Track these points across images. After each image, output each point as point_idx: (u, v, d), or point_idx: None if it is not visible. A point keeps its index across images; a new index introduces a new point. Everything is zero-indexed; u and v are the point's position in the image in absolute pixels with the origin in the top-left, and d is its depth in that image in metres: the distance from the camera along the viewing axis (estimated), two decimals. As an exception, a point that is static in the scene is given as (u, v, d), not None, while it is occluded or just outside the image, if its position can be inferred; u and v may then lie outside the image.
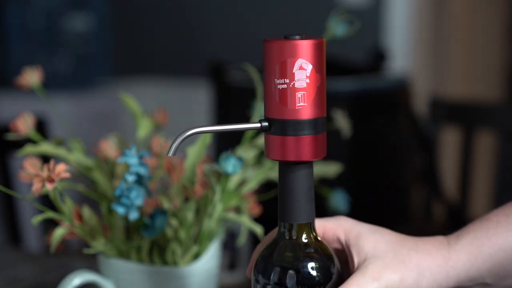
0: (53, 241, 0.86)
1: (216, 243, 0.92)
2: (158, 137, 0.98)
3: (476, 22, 3.05)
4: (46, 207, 0.88)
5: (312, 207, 0.71)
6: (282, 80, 0.68)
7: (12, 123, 0.94)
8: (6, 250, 1.35)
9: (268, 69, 0.69)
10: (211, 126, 0.70)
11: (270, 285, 0.70)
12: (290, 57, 0.68)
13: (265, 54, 0.69)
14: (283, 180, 0.70)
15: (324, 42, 0.69)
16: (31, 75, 0.98)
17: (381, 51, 1.53)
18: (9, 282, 1.16)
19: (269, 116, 0.69)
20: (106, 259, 0.89)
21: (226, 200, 0.90)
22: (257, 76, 0.96)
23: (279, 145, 0.69)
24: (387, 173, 1.30)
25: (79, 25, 2.90)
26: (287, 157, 0.69)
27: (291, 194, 0.70)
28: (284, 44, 0.68)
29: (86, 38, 2.92)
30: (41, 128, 1.63)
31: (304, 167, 0.69)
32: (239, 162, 0.87)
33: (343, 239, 0.76)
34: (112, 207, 0.85)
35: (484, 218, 0.77)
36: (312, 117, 0.68)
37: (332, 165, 1.00)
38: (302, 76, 0.68)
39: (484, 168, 2.07)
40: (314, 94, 0.68)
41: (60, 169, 0.80)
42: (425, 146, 1.46)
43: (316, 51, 0.68)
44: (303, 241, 0.71)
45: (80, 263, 1.20)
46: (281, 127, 0.68)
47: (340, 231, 0.76)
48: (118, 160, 0.84)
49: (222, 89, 1.37)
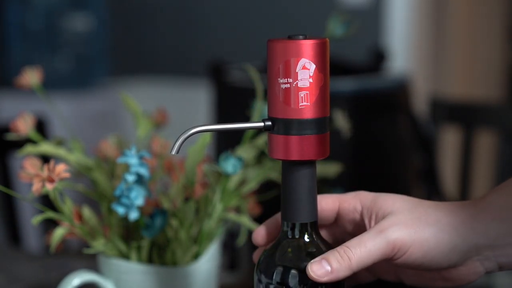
0: (53, 241, 0.86)
1: (216, 243, 0.92)
2: (158, 137, 0.97)
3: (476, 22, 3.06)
4: (46, 207, 0.88)
5: (315, 207, 0.71)
6: (285, 80, 0.68)
7: (12, 123, 0.94)
8: (6, 250, 1.35)
9: (272, 68, 0.69)
10: (214, 125, 0.70)
11: (273, 284, 0.70)
12: (293, 57, 0.68)
13: (269, 53, 0.69)
14: (286, 180, 0.70)
15: (327, 42, 0.70)
16: (31, 75, 0.98)
17: (381, 51, 1.53)
18: (9, 282, 1.16)
19: (272, 116, 0.69)
20: (106, 259, 0.89)
21: (226, 200, 0.90)
22: (257, 76, 0.95)
23: (282, 144, 0.69)
24: (387, 173, 1.30)
25: (79, 25, 2.90)
26: (290, 156, 0.69)
27: (294, 193, 0.70)
28: (288, 44, 0.68)
29: (86, 38, 2.92)
30: (41, 128, 1.63)
31: (307, 167, 0.69)
32: (239, 162, 0.87)
33: (359, 207, 0.75)
34: (112, 207, 0.85)
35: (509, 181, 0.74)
36: (315, 116, 0.69)
37: (332, 165, 1.00)
38: (305, 76, 0.68)
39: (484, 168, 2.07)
40: (317, 93, 0.69)
41: (60, 169, 0.80)
42: (425, 146, 1.45)
43: (319, 51, 0.69)
44: (306, 241, 0.71)
45: (80, 263, 1.20)
46: (284, 127, 0.69)
47: (357, 200, 0.75)
48: (118, 160, 0.84)
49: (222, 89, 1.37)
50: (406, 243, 0.71)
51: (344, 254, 0.70)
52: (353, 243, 0.70)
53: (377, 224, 0.72)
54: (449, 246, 0.71)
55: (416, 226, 0.71)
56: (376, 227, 0.71)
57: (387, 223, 0.71)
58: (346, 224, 0.77)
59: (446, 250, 0.71)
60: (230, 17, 3.00)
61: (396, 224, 0.71)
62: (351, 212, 0.76)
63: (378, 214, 0.73)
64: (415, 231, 0.71)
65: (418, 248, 0.71)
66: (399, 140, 1.31)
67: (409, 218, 0.71)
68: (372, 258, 0.70)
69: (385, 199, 0.73)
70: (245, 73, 1.24)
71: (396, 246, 0.70)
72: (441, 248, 0.71)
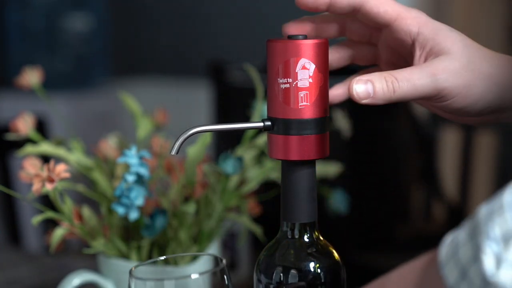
0: (53, 241, 0.86)
1: (216, 243, 0.92)
2: (158, 137, 0.97)
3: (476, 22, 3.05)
4: (46, 207, 0.88)
5: (314, 207, 0.71)
6: (285, 80, 0.69)
7: (12, 123, 0.94)
8: (6, 250, 1.35)
9: (271, 68, 0.69)
10: (214, 125, 0.71)
11: (273, 284, 0.70)
12: (293, 57, 0.68)
13: (268, 53, 0.69)
14: (285, 180, 0.70)
15: (327, 42, 0.70)
16: (31, 75, 0.98)
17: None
18: (9, 282, 1.16)
19: (272, 116, 0.70)
20: (106, 259, 0.89)
21: (226, 200, 0.90)
22: (257, 76, 0.95)
23: (282, 144, 0.69)
24: (387, 173, 1.30)
25: (79, 25, 2.90)
26: (290, 156, 0.69)
27: (294, 193, 0.70)
28: (288, 44, 0.68)
29: (86, 38, 2.92)
30: (41, 128, 1.63)
31: (307, 167, 0.70)
32: (239, 163, 0.87)
33: (415, 31, 0.71)
34: (112, 207, 0.85)
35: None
36: (315, 116, 0.69)
37: (332, 165, 1.00)
38: (305, 76, 0.68)
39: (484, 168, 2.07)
40: (317, 93, 0.69)
41: (60, 169, 0.80)
42: (425, 146, 1.45)
43: (319, 51, 0.69)
44: (306, 241, 0.71)
45: (80, 263, 1.20)
46: (284, 127, 0.69)
47: (415, 23, 0.71)
48: (118, 160, 0.84)
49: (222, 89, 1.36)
50: (452, 93, 0.69)
51: (390, 85, 0.68)
52: (402, 75, 0.68)
53: (430, 62, 0.69)
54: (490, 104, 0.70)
55: (468, 79, 0.69)
56: (429, 66, 0.69)
57: (441, 66, 0.69)
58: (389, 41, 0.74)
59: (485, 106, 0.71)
60: (230, 17, 3.00)
61: (450, 70, 0.69)
62: (403, 33, 0.72)
63: (433, 49, 0.71)
64: (465, 85, 0.69)
65: (461, 100, 0.70)
66: (399, 140, 1.31)
67: (464, 67, 0.69)
68: (415, 96, 0.69)
69: (446, 36, 0.70)
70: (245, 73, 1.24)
71: (442, 93, 0.69)
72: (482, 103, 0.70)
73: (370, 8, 0.72)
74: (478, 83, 0.70)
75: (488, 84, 0.70)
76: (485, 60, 0.70)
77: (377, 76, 0.68)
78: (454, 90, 0.69)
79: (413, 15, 0.72)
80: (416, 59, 0.72)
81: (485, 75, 0.70)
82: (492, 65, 0.70)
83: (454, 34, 0.71)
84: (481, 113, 0.71)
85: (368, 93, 0.68)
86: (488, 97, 0.70)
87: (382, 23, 0.73)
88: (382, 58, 0.77)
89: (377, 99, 0.68)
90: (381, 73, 0.69)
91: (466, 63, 0.70)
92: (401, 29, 0.72)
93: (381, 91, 0.68)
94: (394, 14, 0.72)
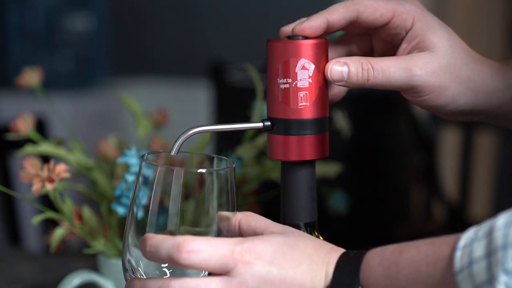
0: (53, 241, 0.86)
1: (216, 243, 0.91)
2: (158, 137, 0.97)
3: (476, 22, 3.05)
4: (46, 207, 0.88)
5: (314, 207, 0.71)
6: (284, 80, 0.68)
7: (12, 123, 0.94)
8: (6, 250, 1.35)
9: (271, 69, 0.69)
10: (214, 125, 0.71)
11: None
12: (292, 57, 0.68)
13: (268, 54, 0.69)
14: (285, 180, 0.70)
15: (326, 42, 0.70)
16: (31, 75, 0.98)
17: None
18: (9, 282, 1.16)
19: (272, 116, 0.69)
20: (106, 259, 0.89)
21: (226, 200, 0.90)
22: (257, 76, 0.95)
23: (281, 144, 0.69)
24: (387, 173, 1.30)
25: (79, 25, 2.90)
26: (290, 156, 0.69)
27: (294, 193, 0.70)
28: (287, 44, 0.68)
29: (86, 38, 2.92)
30: (41, 128, 1.63)
31: (307, 167, 0.69)
32: (239, 162, 0.87)
33: (410, 25, 0.71)
34: (112, 207, 0.85)
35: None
36: (315, 116, 0.69)
37: (332, 165, 1.00)
38: (304, 76, 0.68)
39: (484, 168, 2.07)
40: (317, 94, 0.69)
41: (60, 169, 0.80)
42: (425, 146, 1.45)
43: (318, 51, 0.69)
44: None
45: (80, 263, 1.19)
46: (284, 127, 0.69)
47: (410, 17, 0.71)
48: (118, 160, 0.84)
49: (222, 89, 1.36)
50: (425, 91, 0.70)
51: (365, 72, 0.69)
52: (379, 65, 0.69)
53: (411, 56, 0.70)
54: (462, 107, 0.71)
55: (443, 80, 0.70)
56: (407, 61, 0.69)
57: (420, 63, 0.69)
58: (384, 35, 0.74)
59: (458, 109, 0.71)
60: (230, 17, 3.00)
61: (427, 69, 0.69)
62: (399, 28, 0.72)
63: (419, 43, 0.71)
64: (439, 86, 0.69)
65: (435, 98, 0.70)
66: (399, 140, 1.31)
67: (442, 68, 0.69)
68: (387, 87, 0.69)
69: (434, 33, 0.70)
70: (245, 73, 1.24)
71: (416, 89, 0.70)
72: (454, 105, 0.71)
73: (366, 17, 0.72)
74: (453, 85, 0.70)
75: (462, 88, 0.70)
76: (466, 64, 0.71)
77: (354, 60, 0.69)
78: (427, 88, 0.70)
79: (407, 8, 0.72)
80: (401, 50, 0.72)
81: (462, 79, 0.70)
82: (473, 70, 0.71)
83: (443, 33, 0.71)
84: (454, 113, 0.72)
85: (342, 76, 0.69)
86: (460, 101, 0.71)
87: (380, 25, 0.74)
88: (376, 49, 0.77)
89: (350, 83, 0.69)
90: (359, 58, 0.69)
91: (445, 64, 0.70)
92: (397, 26, 0.73)
93: (355, 77, 0.69)
94: (389, 14, 0.72)
